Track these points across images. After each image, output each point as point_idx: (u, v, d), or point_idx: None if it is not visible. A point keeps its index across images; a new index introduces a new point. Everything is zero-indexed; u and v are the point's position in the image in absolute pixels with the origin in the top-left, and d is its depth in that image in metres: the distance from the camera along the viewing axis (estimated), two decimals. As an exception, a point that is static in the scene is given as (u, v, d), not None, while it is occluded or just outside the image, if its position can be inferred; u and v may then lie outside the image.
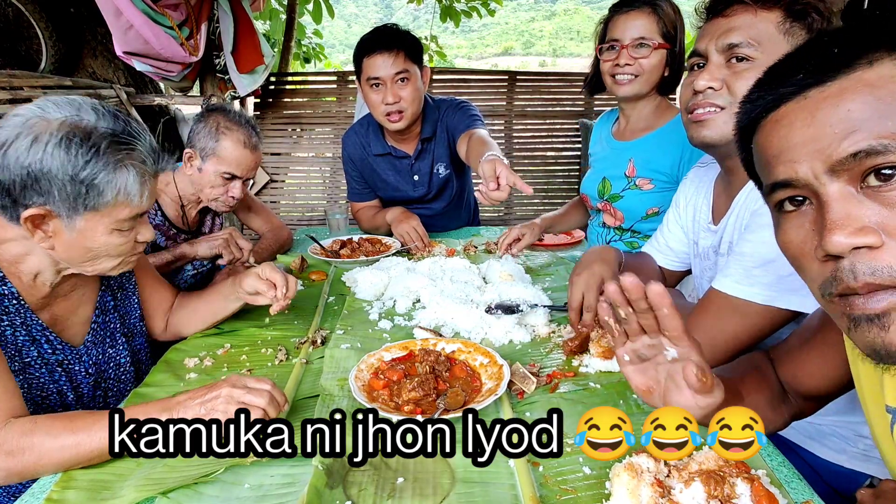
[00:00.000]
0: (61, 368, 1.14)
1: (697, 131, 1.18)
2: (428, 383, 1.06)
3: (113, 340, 1.26)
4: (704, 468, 0.77)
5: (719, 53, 1.13)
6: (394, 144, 2.25)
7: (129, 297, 1.34)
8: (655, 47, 1.64)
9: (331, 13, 6.33)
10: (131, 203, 1.06)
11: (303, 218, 5.80)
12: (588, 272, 1.30)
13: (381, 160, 2.28)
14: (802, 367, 0.93)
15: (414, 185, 2.30)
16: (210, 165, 1.77)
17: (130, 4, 3.38)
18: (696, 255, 1.44)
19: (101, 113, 1.03)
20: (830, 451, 1.18)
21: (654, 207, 1.81)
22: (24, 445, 0.89)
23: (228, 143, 1.75)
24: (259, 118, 5.70)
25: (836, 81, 0.60)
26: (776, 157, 0.65)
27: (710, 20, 1.17)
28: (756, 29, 1.09)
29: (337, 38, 48.07)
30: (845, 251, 0.58)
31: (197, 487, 0.87)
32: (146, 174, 1.07)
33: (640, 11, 1.63)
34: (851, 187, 0.60)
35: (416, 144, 2.23)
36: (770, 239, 1.10)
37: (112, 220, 1.05)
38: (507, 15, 61.60)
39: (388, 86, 2.00)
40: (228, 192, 1.82)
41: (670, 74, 1.71)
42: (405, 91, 2.02)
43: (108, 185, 1.01)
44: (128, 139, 1.05)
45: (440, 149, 2.26)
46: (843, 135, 0.58)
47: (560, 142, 5.78)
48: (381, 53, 1.98)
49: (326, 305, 1.60)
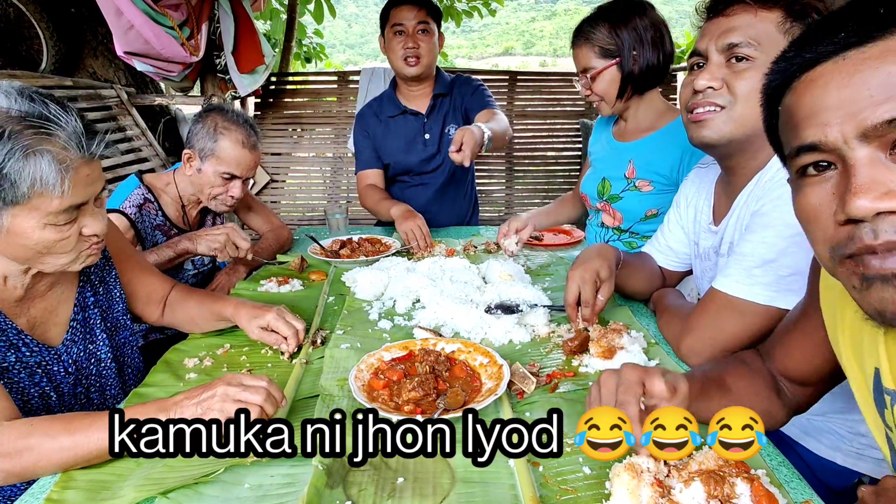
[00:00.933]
0: (41, 370, 1.13)
1: (697, 131, 1.18)
2: (428, 383, 1.06)
3: (93, 336, 1.24)
4: (704, 468, 0.77)
5: (719, 53, 1.13)
6: (406, 104, 2.41)
7: (110, 290, 1.31)
8: (595, 74, 1.72)
9: (332, 13, 6.33)
10: (52, 194, 0.95)
11: (303, 218, 5.80)
12: (583, 267, 1.30)
13: (394, 122, 2.43)
14: (790, 353, 0.93)
15: (425, 143, 2.41)
16: (209, 166, 1.77)
17: (131, 4, 3.38)
18: (696, 256, 1.44)
19: (14, 96, 0.94)
20: (825, 447, 1.19)
21: (653, 209, 1.81)
22: (22, 447, 0.89)
23: (227, 143, 1.75)
24: (259, 118, 5.70)
25: (879, 42, 0.57)
26: (806, 118, 0.62)
27: (710, 20, 1.16)
28: (756, 29, 1.09)
29: (337, 38, 48.05)
30: (868, 215, 0.56)
31: (197, 487, 0.87)
32: (68, 161, 0.96)
33: (578, 47, 1.76)
34: (881, 153, 0.57)
35: (429, 101, 2.40)
36: (771, 240, 1.10)
37: (41, 214, 0.97)
38: (507, 15, 61.61)
39: (409, 33, 2.25)
40: (228, 191, 1.82)
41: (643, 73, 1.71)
42: (424, 41, 2.27)
43: (18, 175, 0.92)
44: (41, 123, 0.94)
45: (454, 112, 2.42)
46: (881, 99, 0.55)
47: (560, 142, 5.78)
48: (407, 5, 2.26)
49: (326, 305, 1.60)
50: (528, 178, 5.75)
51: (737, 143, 1.15)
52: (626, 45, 1.68)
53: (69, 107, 1.00)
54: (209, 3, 4.12)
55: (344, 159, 5.78)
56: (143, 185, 1.83)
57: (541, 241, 2.19)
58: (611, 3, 1.73)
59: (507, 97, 5.73)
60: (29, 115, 0.94)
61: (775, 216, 1.09)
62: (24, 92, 0.96)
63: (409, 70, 2.29)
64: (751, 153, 1.17)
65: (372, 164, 2.48)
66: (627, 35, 1.68)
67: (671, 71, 6.36)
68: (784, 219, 1.07)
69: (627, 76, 1.71)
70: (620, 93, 1.75)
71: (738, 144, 1.16)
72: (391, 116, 2.43)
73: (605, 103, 1.79)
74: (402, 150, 2.42)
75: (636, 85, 1.74)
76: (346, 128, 5.68)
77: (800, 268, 1.01)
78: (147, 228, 1.79)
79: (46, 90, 1.02)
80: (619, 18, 1.68)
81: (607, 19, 1.69)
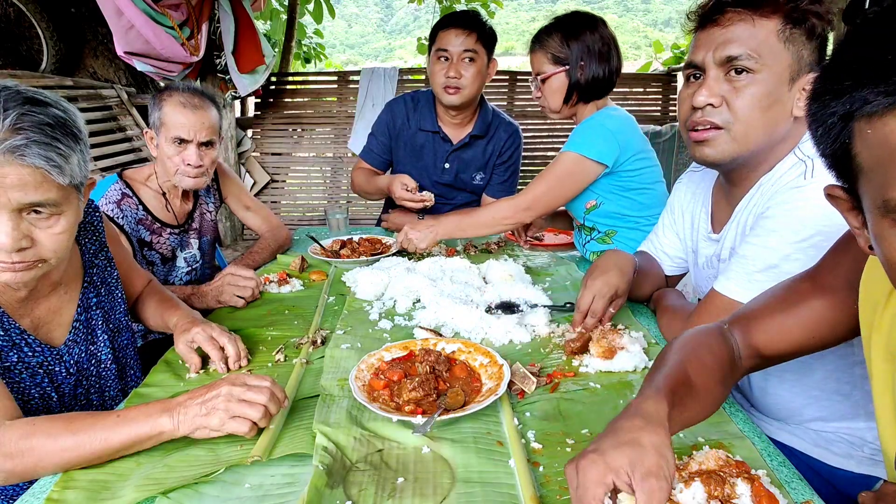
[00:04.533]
0: (42, 370, 1.13)
1: (700, 150, 1.15)
2: (428, 383, 1.06)
3: (94, 337, 1.25)
4: (704, 468, 0.77)
5: (717, 66, 1.09)
6: (441, 125, 2.31)
7: (112, 291, 1.31)
8: (545, 77, 1.81)
9: (331, 13, 6.34)
10: None
11: (303, 218, 5.80)
12: (604, 279, 1.29)
13: (424, 136, 2.34)
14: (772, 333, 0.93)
15: (442, 170, 2.36)
16: (162, 137, 1.77)
17: (131, 4, 3.39)
18: (694, 265, 1.43)
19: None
20: (838, 456, 1.16)
21: (590, 201, 1.88)
22: (24, 447, 0.89)
23: (168, 108, 1.74)
24: (259, 118, 5.70)
25: None
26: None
27: (703, 29, 1.12)
28: (756, 39, 1.05)
29: (337, 38, 48.03)
30: None
31: (197, 487, 0.87)
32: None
33: (534, 53, 1.84)
34: None
35: (465, 137, 2.31)
36: (775, 245, 1.10)
37: None
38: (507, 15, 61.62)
39: (453, 60, 2.11)
40: (184, 160, 1.77)
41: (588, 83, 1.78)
42: (468, 70, 2.11)
43: None
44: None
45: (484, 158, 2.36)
46: None
47: (560, 142, 5.78)
48: (455, 29, 2.10)
49: (326, 305, 1.60)
50: (528, 178, 5.75)
51: (741, 160, 1.14)
52: (574, 55, 1.77)
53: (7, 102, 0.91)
54: (209, 3, 4.12)
55: (344, 159, 5.78)
56: (122, 180, 1.82)
57: (541, 241, 2.20)
58: (567, 16, 1.83)
59: (507, 97, 5.73)
60: None
61: (781, 222, 1.07)
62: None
63: (448, 99, 2.15)
64: (754, 164, 1.16)
65: (376, 164, 2.44)
66: (577, 46, 1.77)
67: (671, 70, 6.36)
68: (790, 225, 1.06)
69: (574, 84, 1.79)
70: (566, 98, 1.82)
71: (742, 160, 1.15)
72: (423, 130, 2.32)
73: (551, 107, 1.86)
74: (416, 166, 2.36)
75: (581, 93, 1.81)
76: (346, 128, 5.69)
77: None
78: (130, 224, 1.78)
79: (45, 90, 1.00)
80: (571, 30, 1.78)
81: (560, 30, 1.79)
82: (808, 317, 0.90)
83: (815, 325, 0.90)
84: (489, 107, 2.36)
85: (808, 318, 0.90)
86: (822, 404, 1.17)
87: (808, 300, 0.90)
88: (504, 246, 2.09)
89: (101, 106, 4.25)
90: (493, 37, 2.18)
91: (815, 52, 1.08)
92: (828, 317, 0.88)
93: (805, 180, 1.07)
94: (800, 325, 0.91)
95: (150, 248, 1.84)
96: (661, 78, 5.98)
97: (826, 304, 0.88)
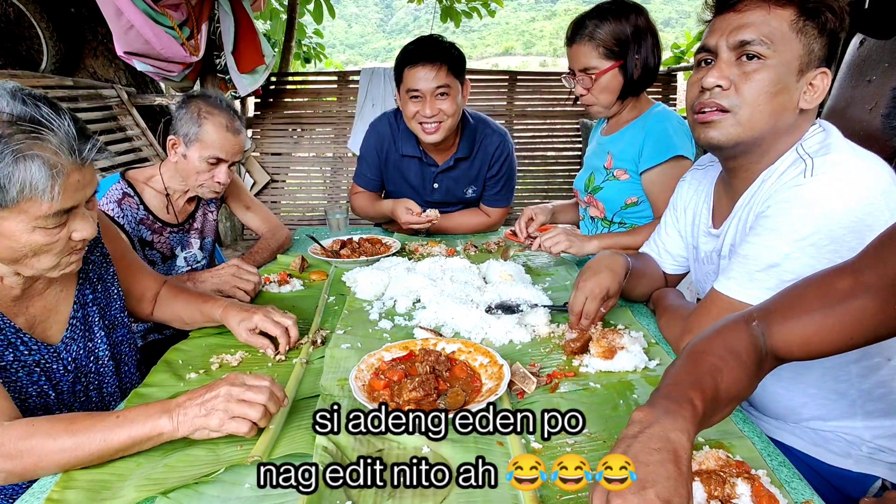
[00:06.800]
0: (39, 369, 1.13)
1: (704, 132, 1.15)
2: (428, 383, 1.06)
3: (91, 334, 1.25)
4: (704, 468, 0.77)
5: (730, 50, 1.10)
6: (425, 150, 2.24)
7: (108, 288, 1.31)
8: (598, 74, 1.72)
9: (331, 13, 6.34)
10: (41, 199, 0.94)
11: (303, 218, 5.80)
12: (595, 280, 1.29)
13: (408, 161, 2.28)
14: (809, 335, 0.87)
15: (432, 190, 2.32)
16: (194, 151, 1.78)
17: (131, 4, 3.39)
18: (695, 260, 1.43)
19: (6, 98, 0.92)
20: (836, 455, 1.16)
21: (632, 197, 1.85)
22: (23, 448, 0.89)
23: (210, 128, 1.76)
24: (259, 118, 5.70)
25: None
26: None
27: (720, 14, 1.13)
28: (770, 26, 1.07)
29: (337, 38, 48.04)
30: None
31: (197, 487, 0.87)
32: (59, 167, 0.94)
33: (579, 44, 1.72)
34: None
35: (449, 160, 2.23)
36: (776, 244, 1.09)
37: (30, 218, 0.96)
38: (507, 15, 61.55)
39: (427, 99, 1.99)
40: (214, 177, 1.81)
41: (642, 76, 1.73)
42: (444, 104, 2.01)
43: (8, 179, 0.90)
44: (33, 127, 0.92)
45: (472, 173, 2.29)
46: None
47: (560, 142, 5.78)
48: (423, 66, 1.96)
49: (326, 305, 1.60)
50: (528, 177, 5.75)
51: (744, 146, 1.14)
52: (630, 47, 1.68)
53: (62, 110, 0.98)
54: (209, 3, 4.13)
55: (344, 159, 5.78)
56: (124, 180, 1.83)
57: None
58: (610, 4, 1.71)
59: (507, 97, 5.72)
60: (21, 119, 0.92)
61: (782, 220, 1.07)
62: (16, 94, 0.93)
63: (428, 138, 2.06)
64: (757, 155, 1.16)
65: (370, 187, 2.39)
66: (631, 37, 1.67)
67: (671, 70, 6.36)
68: (791, 224, 1.05)
69: (629, 79, 1.71)
70: (622, 95, 1.75)
71: (745, 146, 1.14)
72: (405, 156, 2.26)
73: (597, 106, 1.80)
74: (406, 188, 2.33)
75: (634, 87, 1.75)
76: (346, 128, 5.68)
77: (803, 273, 0.98)
78: (130, 223, 1.79)
79: (42, 91, 1.01)
80: (624, 20, 1.67)
81: (612, 18, 1.67)
82: (851, 317, 0.84)
83: (858, 326, 0.83)
84: (471, 121, 2.25)
85: (851, 318, 0.84)
86: (820, 402, 1.18)
87: (851, 299, 0.84)
88: (503, 245, 2.08)
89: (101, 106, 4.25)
90: (462, 60, 2.07)
91: (826, 48, 1.09)
92: (872, 318, 0.82)
93: (805, 178, 1.07)
94: (841, 325, 0.85)
95: (151, 248, 1.85)
96: (661, 78, 5.98)
97: (871, 304, 0.82)
